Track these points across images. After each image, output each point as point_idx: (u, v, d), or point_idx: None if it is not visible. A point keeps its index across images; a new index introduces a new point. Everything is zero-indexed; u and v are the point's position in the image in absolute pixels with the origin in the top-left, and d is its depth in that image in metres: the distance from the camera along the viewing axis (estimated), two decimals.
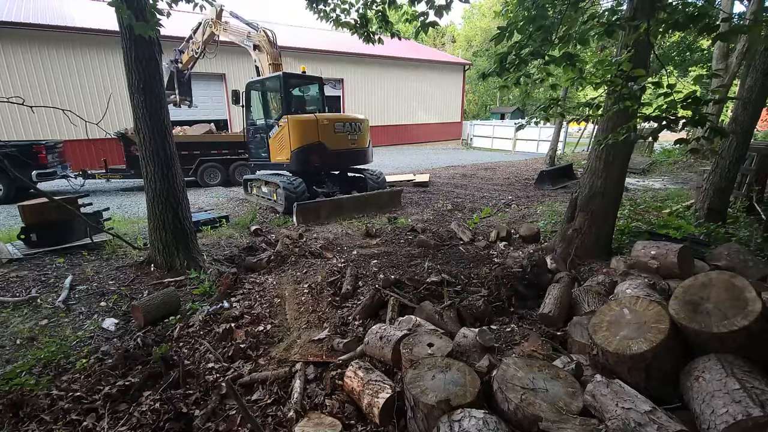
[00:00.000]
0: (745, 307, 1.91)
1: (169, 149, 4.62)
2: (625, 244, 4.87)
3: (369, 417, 2.28)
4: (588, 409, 1.88)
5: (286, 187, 7.78)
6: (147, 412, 2.44)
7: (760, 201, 6.18)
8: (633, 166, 11.93)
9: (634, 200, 7.43)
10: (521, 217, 7.38)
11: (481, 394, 2.01)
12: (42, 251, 5.33)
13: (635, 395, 1.83)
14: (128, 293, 4.32)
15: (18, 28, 12.67)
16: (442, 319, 3.10)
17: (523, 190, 10.29)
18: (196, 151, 11.49)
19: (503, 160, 17.25)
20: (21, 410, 2.49)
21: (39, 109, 11.93)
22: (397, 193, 8.73)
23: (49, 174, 9.75)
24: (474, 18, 40.85)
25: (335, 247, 5.78)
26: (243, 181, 10.08)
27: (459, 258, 5.05)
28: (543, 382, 2.00)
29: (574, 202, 4.66)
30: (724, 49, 12.90)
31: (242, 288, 4.31)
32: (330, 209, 7.59)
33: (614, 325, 2.20)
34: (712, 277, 2.13)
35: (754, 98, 5.23)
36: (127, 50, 4.26)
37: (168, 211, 4.70)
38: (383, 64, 21.86)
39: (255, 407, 2.50)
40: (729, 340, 1.89)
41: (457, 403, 1.91)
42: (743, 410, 1.60)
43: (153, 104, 4.43)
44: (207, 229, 6.56)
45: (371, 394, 2.29)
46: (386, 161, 16.28)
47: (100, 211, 6.15)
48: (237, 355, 3.05)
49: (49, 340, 3.35)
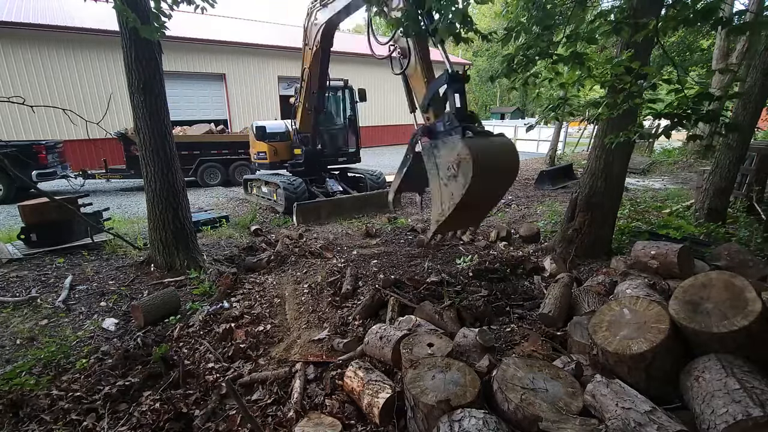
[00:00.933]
0: (745, 307, 1.91)
1: (169, 149, 4.62)
2: (625, 244, 4.87)
3: (369, 417, 2.28)
4: (588, 409, 1.89)
5: (286, 187, 7.76)
6: (147, 412, 2.44)
7: (760, 201, 6.18)
8: (633, 166, 11.92)
9: (634, 200, 7.43)
10: (521, 217, 7.37)
11: (481, 394, 2.01)
12: (42, 251, 5.33)
13: (635, 395, 1.83)
14: (128, 293, 4.32)
15: (18, 28, 12.66)
16: (442, 319, 3.10)
17: (523, 190, 10.29)
18: (196, 151, 11.50)
19: None
20: (21, 410, 2.49)
21: (39, 109, 11.92)
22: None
23: (49, 174, 9.76)
24: (474, 18, 40.89)
25: (335, 247, 5.78)
26: (243, 181, 10.08)
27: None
28: (543, 382, 2.00)
29: (574, 202, 4.66)
30: (724, 49, 12.88)
31: (242, 288, 4.31)
32: (330, 209, 7.58)
33: (614, 325, 2.20)
34: (712, 277, 2.13)
35: (754, 98, 5.24)
36: (127, 50, 4.26)
37: (168, 211, 4.70)
38: (383, 64, 21.85)
39: (255, 407, 2.50)
40: (729, 340, 1.89)
41: (457, 403, 1.91)
42: (743, 410, 1.60)
43: (153, 104, 4.43)
44: (207, 229, 6.56)
45: (371, 394, 2.29)
46: (386, 161, 16.27)
47: (100, 211, 6.15)
48: (237, 355, 3.05)
49: (49, 340, 3.35)
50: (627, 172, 4.72)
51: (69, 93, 13.80)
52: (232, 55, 17.13)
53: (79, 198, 5.91)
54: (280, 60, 18.36)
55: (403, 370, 2.47)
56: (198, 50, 16.17)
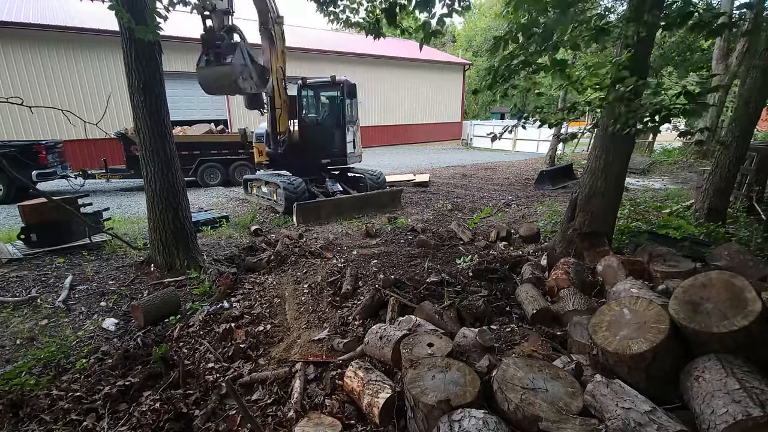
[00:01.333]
0: (745, 307, 1.91)
1: (169, 149, 4.62)
2: (625, 244, 4.87)
3: (369, 417, 2.29)
4: (588, 409, 1.88)
5: (286, 187, 7.74)
6: (147, 412, 2.44)
7: (760, 201, 6.18)
8: (633, 166, 11.92)
9: (634, 200, 7.43)
10: (521, 217, 7.37)
11: (481, 393, 2.01)
12: (42, 251, 5.33)
13: (635, 395, 1.83)
14: (128, 293, 4.32)
15: (18, 28, 12.66)
16: (442, 319, 3.10)
17: (523, 190, 10.29)
18: (196, 151, 11.49)
19: (503, 160, 17.25)
20: (21, 410, 2.49)
21: (39, 109, 11.91)
22: (398, 193, 8.71)
23: (49, 174, 9.75)
24: (474, 18, 40.85)
25: (335, 247, 5.78)
26: (243, 181, 10.07)
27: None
28: (543, 382, 2.00)
29: (574, 202, 4.66)
30: (724, 49, 12.89)
31: (242, 288, 4.31)
32: (330, 209, 7.56)
33: (614, 325, 2.20)
34: (712, 277, 2.13)
35: (754, 98, 5.23)
36: (127, 50, 4.26)
37: (168, 211, 4.70)
38: (383, 64, 21.85)
39: (255, 407, 2.50)
40: (729, 340, 1.89)
41: (457, 402, 1.91)
42: (743, 410, 1.60)
43: (153, 104, 4.43)
44: (207, 229, 6.56)
45: (371, 394, 2.29)
46: (386, 161, 16.27)
47: (100, 211, 6.15)
48: (237, 355, 3.05)
49: (49, 340, 3.36)
50: (627, 172, 4.72)
51: (69, 93, 13.80)
52: None
53: (79, 198, 5.91)
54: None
55: (403, 370, 2.46)
56: (198, 50, 16.06)
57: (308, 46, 19.04)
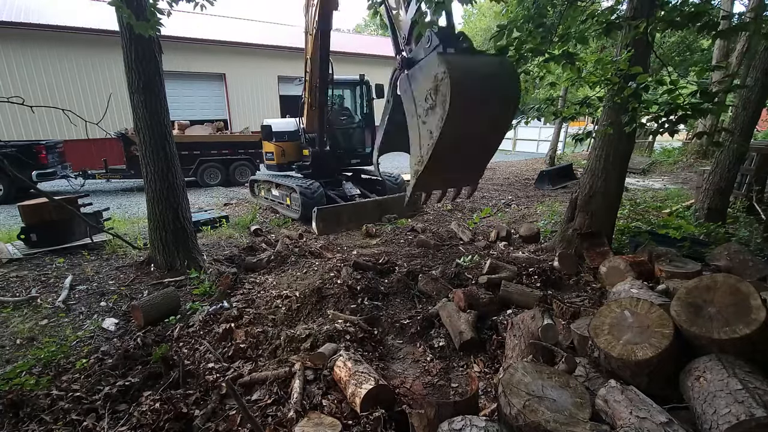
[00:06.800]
0: (749, 314, 1.88)
1: (169, 149, 4.62)
2: (625, 244, 4.86)
3: (351, 405, 2.35)
4: (599, 414, 1.85)
5: (303, 191, 7.06)
6: (147, 412, 2.43)
7: (760, 201, 6.17)
8: (633, 166, 11.92)
9: (634, 200, 7.43)
10: (521, 217, 7.37)
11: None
12: (42, 251, 5.32)
13: (651, 404, 1.77)
14: (128, 293, 4.31)
15: (18, 28, 12.65)
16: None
17: (523, 190, 10.28)
18: (196, 151, 11.49)
19: (503, 160, 17.23)
20: (21, 410, 2.49)
21: (39, 109, 11.90)
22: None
23: (49, 174, 9.75)
24: (474, 18, 40.84)
25: (335, 247, 5.77)
26: (249, 182, 9.55)
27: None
28: (551, 390, 1.92)
29: (574, 202, 4.66)
30: (724, 49, 12.89)
31: (242, 288, 4.30)
32: (350, 214, 6.90)
33: (616, 329, 2.17)
34: (718, 280, 2.09)
35: (754, 98, 5.22)
36: (127, 50, 4.25)
37: (168, 211, 4.69)
38: (383, 64, 21.84)
39: (255, 407, 2.49)
40: (729, 346, 1.87)
41: None
42: (746, 410, 1.59)
43: (153, 104, 4.42)
44: (207, 229, 6.56)
45: (356, 384, 2.37)
46: (387, 161, 16.23)
47: (100, 211, 6.15)
48: (237, 355, 3.05)
49: (49, 340, 3.35)
50: (627, 172, 4.71)
51: (69, 93, 13.79)
52: (232, 54, 17.10)
53: (79, 198, 5.91)
54: (280, 60, 18.34)
55: None
56: (198, 50, 16.14)
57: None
